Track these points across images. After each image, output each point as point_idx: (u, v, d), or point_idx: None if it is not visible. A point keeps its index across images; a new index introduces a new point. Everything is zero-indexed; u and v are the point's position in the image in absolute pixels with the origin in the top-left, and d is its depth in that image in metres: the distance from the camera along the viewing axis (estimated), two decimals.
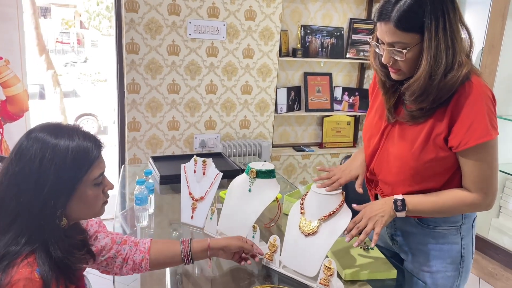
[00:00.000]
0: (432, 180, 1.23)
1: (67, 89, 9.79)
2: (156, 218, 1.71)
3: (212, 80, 3.09)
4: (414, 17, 1.09)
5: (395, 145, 1.27)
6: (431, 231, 1.31)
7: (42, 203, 0.91)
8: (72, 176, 0.94)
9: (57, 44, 19.46)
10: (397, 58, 1.15)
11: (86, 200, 0.99)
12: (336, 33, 3.42)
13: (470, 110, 1.13)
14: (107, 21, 16.51)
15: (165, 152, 3.10)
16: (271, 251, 1.32)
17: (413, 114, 1.21)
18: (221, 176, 1.56)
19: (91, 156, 0.96)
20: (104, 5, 16.25)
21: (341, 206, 1.27)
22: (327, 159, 3.58)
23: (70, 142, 0.94)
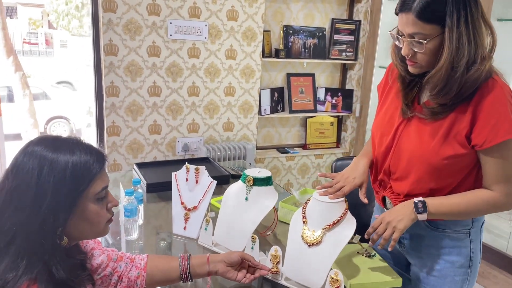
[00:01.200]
0: (449, 177, 1.22)
1: (37, 91, 9.44)
2: (146, 230, 1.62)
3: (195, 82, 3.00)
4: (436, 9, 1.09)
5: (411, 141, 1.25)
6: (441, 234, 1.29)
7: (41, 220, 0.83)
8: (72, 190, 0.87)
9: (24, 44, 18.82)
10: (417, 50, 1.15)
11: (88, 217, 0.92)
12: (318, 33, 3.39)
13: (494, 108, 1.12)
14: (77, 21, 16.08)
15: (147, 157, 3.00)
16: (274, 263, 1.26)
17: (434, 110, 1.19)
18: (215, 184, 1.49)
19: (93, 170, 0.90)
20: (73, 4, 15.82)
21: (345, 214, 1.22)
22: (311, 160, 3.56)
23: (69, 156, 0.87)
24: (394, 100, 1.33)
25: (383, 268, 1.32)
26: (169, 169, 1.79)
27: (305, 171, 3.57)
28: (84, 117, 8.35)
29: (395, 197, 1.32)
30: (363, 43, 3.46)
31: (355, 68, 3.52)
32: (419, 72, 1.21)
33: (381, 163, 1.35)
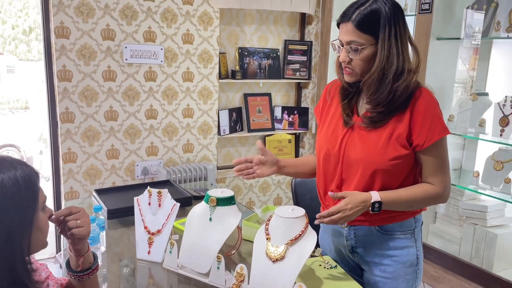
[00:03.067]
0: (394, 177, 1.34)
1: None
2: (108, 256, 1.60)
3: (152, 105, 3.01)
4: (371, 21, 1.25)
5: (357, 148, 1.36)
6: (390, 237, 1.39)
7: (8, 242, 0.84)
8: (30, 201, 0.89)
9: None
10: (352, 57, 1.29)
11: (42, 227, 0.94)
12: (272, 54, 3.50)
13: (428, 111, 1.29)
14: (25, 45, 15.55)
15: (105, 183, 2.94)
16: (238, 281, 1.29)
17: (373, 119, 1.32)
18: (178, 206, 1.50)
19: (37, 183, 0.93)
20: (21, 29, 15.30)
21: (306, 228, 1.27)
22: (272, 178, 3.62)
23: (14, 171, 0.88)
24: (335, 114, 1.44)
25: (344, 278, 1.37)
26: (129, 194, 1.78)
27: (266, 189, 3.62)
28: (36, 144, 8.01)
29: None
30: (316, 62, 3.61)
31: (309, 86, 3.65)
32: (354, 80, 1.34)
33: (332, 176, 1.43)
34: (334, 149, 1.40)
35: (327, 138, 1.44)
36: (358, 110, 1.40)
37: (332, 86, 1.51)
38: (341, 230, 1.46)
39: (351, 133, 1.38)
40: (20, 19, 15.15)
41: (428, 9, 2.62)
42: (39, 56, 15.22)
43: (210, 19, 3.08)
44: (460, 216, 2.77)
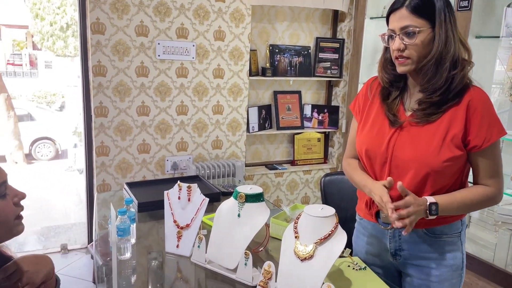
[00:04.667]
0: (446, 180, 1.30)
1: (22, 112, 9.35)
2: (137, 249, 1.63)
3: (183, 101, 3.04)
4: (427, 6, 1.24)
5: (408, 149, 1.31)
6: (438, 240, 1.36)
7: None
8: None
9: (8, 66, 18.68)
10: (408, 42, 1.25)
11: None
12: (303, 52, 3.47)
13: (486, 111, 1.26)
14: (62, 41, 16.05)
15: (136, 177, 3.00)
16: (265, 278, 1.28)
17: (426, 112, 1.29)
18: (207, 201, 1.51)
19: None
20: (58, 25, 15.81)
21: (335, 228, 1.25)
22: (300, 176, 3.59)
23: None
24: (379, 114, 1.40)
25: (374, 281, 1.35)
26: (159, 188, 1.80)
27: (294, 187, 3.60)
28: (70, 137, 8.28)
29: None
30: (347, 60, 3.55)
31: (340, 85, 3.60)
32: (408, 70, 1.29)
33: (378, 176, 1.39)
34: (380, 149, 1.36)
35: (371, 138, 1.40)
36: (405, 108, 1.36)
37: (374, 82, 1.47)
38: (384, 231, 1.42)
39: (400, 133, 1.33)
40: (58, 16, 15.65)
41: (467, 6, 2.53)
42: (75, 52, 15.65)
43: (242, 16, 3.08)
44: (496, 222, 2.66)
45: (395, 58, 1.30)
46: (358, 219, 1.59)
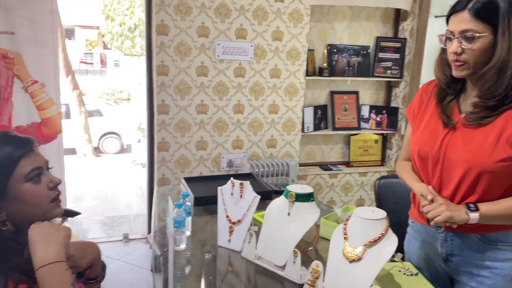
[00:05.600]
0: (499, 183, 1.25)
1: (92, 108, 10.01)
2: (192, 241, 1.70)
3: (240, 100, 3.11)
4: (490, 10, 1.19)
5: (460, 149, 1.29)
6: (493, 247, 1.30)
7: None
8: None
9: (81, 64, 20.03)
10: (466, 46, 1.22)
11: (24, 198, 0.97)
12: (362, 52, 3.41)
13: None
14: (130, 41, 16.92)
15: (193, 172, 3.12)
16: (313, 277, 1.30)
17: (480, 115, 1.25)
18: (258, 199, 1.55)
19: (14, 156, 0.96)
20: (127, 26, 16.68)
21: (386, 231, 1.24)
22: (355, 178, 3.54)
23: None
24: (433, 115, 1.38)
25: (426, 286, 1.31)
26: (215, 184, 1.86)
27: (349, 189, 3.55)
28: (135, 132, 8.72)
29: None
30: (409, 60, 3.44)
31: (400, 85, 3.50)
32: (464, 75, 1.26)
33: (430, 177, 1.37)
34: (432, 150, 1.34)
35: (425, 139, 1.38)
36: (460, 109, 1.33)
37: (429, 86, 1.46)
38: (437, 235, 1.39)
39: (453, 134, 1.31)
40: (126, 17, 16.51)
41: None
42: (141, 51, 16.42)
43: (301, 16, 3.09)
44: None
45: (452, 61, 1.27)
46: (410, 222, 1.57)
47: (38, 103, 2.68)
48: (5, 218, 0.95)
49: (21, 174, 0.97)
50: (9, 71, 2.57)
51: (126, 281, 2.92)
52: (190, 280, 1.48)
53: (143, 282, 2.94)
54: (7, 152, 0.96)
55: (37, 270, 0.84)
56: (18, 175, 0.96)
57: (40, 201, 0.99)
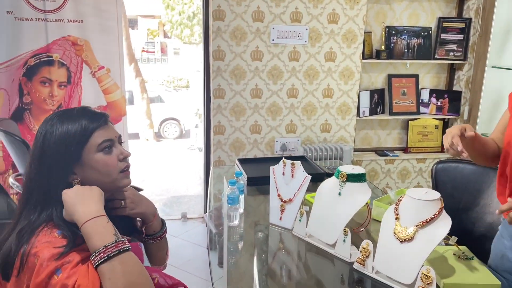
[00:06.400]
0: None
1: (153, 95, 10.43)
2: (245, 218, 1.76)
3: (294, 84, 3.12)
4: None
5: None
6: None
7: (47, 173, 1.01)
8: (73, 145, 1.03)
9: (143, 53, 20.85)
10: None
11: (96, 166, 1.06)
12: (423, 33, 3.28)
13: None
14: (188, 30, 17.35)
15: (247, 155, 3.19)
16: (363, 256, 1.31)
17: None
18: (309, 178, 1.57)
19: (89, 128, 1.05)
20: (186, 14, 17.10)
21: (439, 212, 1.22)
22: (413, 164, 3.44)
23: (69, 122, 1.04)
24: None
25: (481, 271, 1.28)
26: (267, 165, 1.90)
27: (406, 175, 3.46)
28: (193, 118, 8.99)
29: None
30: (474, 41, 3.25)
31: (464, 68, 3.32)
32: None
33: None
34: None
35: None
36: None
37: None
38: None
39: None
40: (185, 5, 16.90)
41: None
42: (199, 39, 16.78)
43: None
44: None
45: None
46: (502, 219, 1.45)
47: (104, 87, 2.87)
48: (79, 183, 1.05)
49: (94, 144, 1.06)
50: (78, 57, 2.77)
51: (184, 257, 3.07)
52: (243, 255, 1.54)
53: (199, 259, 3.08)
54: (83, 124, 1.06)
55: (82, 225, 0.94)
56: (92, 145, 1.06)
57: (110, 170, 1.08)
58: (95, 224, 0.93)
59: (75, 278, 0.88)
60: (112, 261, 0.89)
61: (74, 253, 0.93)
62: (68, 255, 0.92)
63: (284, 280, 1.37)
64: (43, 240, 0.94)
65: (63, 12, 2.65)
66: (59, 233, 0.96)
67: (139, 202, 1.21)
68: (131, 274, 0.90)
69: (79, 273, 0.89)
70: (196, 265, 2.99)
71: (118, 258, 0.90)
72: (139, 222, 1.27)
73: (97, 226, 0.93)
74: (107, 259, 0.89)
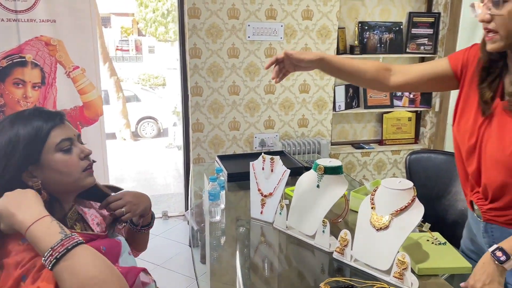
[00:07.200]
0: None
1: (129, 94, 10.30)
2: (227, 214, 1.79)
3: (271, 81, 3.15)
4: None
5: (493, 144, 1.19)
6: None
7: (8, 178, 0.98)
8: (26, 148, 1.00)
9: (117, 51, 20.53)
10: (494, 12, 1.08)
11: (55, 167, 1.02)
12: (394, 28, 3.36)
13: None
14: (163, 27, 17.18)
15: (227, 152, 3.21)
16: (342, 245, 1.35)
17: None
18: (288, 172, 1.61)
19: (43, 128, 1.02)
20: (160, 12, 16.92)
21: (413, 201, 1.27)
22: (388, 156, 3.53)
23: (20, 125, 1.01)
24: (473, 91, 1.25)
25: (453, 255, 1.34)
26: (246, 161, 1.94)
27: (381, 167, 3.55)
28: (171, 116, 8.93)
29: (482, 203, 1.29)
30: (443, 35, 3.36)
31: None
32: (497, 48, 1.12)
33: (467, 165, 1.30)
34: (472, 138, 1.24)
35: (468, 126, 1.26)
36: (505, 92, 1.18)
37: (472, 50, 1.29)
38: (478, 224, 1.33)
39: (489, 123, 1.19)
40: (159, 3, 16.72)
41: None
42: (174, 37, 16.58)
43: None
44: None
45: (484, 33, 1.14)
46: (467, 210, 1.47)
47: (79, 87, 2.83)
48: (40, 186, 1.01)
49: (52, 144, 1.03)
50: (52, 57, 2.72)
51: (166, 255, 3.08)
52: (226, 250, 1.57)
53: (182, 256, 3.10)
54: (36, 125, 1.02)
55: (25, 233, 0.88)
56: (49, 145, 1.03)
57: (71, 170, 1.05)
58: (38, 228, 0.87)
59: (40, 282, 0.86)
60: (62, 261, 0.83)
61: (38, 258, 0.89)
62: (31, 260, 0.89)
63: (267, 272, 1.41)
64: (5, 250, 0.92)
65: (35, 12, 2.60)
66: (23, 241, 0.93)
67: (139, 202, 1.22)
68: (87, 267, 0.84)
69: (43, 277, 0.87)
70: (178, 262, 3.01)
71: (68, 256, 0.84)
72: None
73: (40, 229, 0.87)
74: (56, 261, 0.83)
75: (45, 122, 1.03)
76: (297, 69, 1.45)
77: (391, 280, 1.23)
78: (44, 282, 0.86)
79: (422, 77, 1.38)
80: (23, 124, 1.01)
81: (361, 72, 1.45)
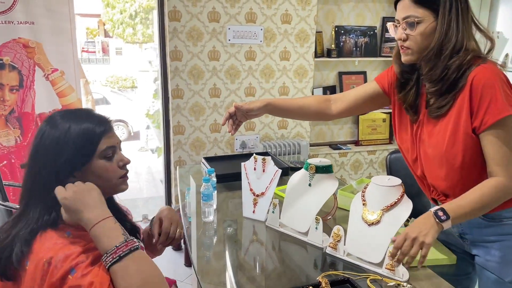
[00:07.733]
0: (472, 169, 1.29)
1: (98, 96, 10.09)
2: (218, 214, 1.82)
3: (251, 83, 3.20)
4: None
5: (429, 145, 1.35)
6: (498, 224, 1.34)
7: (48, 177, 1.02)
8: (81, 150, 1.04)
9: (83, 53, 20.03)
10: (408, 32, 1.26)
11: (97, 172, 1.07)
12: (369, 32, 3.49)
13: (486, 91, 1.21)
14: (131, 29, 16.90)
15: (208, 154, 3.23)
16: (335, 241, 1.42)
17: (434, 106, 1.30)
18: (280, 172, 1.66)
19: (96, 133, 1.06)
20: (128, 13, 16.64)
21: (402, 197, 1.35)
22: (364, 156, 3.65)
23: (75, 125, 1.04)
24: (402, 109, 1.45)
25: (438, 247, 1.43)
26: (232, 163, 1.99)
27: (358, 167, 3.66)
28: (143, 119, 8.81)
29: (442, 199, 1.41)
30: None
31: None
32: (410, 60, 1.31)
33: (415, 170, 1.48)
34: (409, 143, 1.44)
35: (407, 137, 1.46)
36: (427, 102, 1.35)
37: None
38: None
39: (421, 130, 1.38)
40: (127, 4, 16.44)
41: None
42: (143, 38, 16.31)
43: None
44: None
45: (400, 47, 1.32)
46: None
47: (58, 90, 2.79)
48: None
49: (98, 151, 1.07)
50: (30, 60, 2.67)
51: None
52: (220, 249, 1.60)
53: (164, 259, 3.08)
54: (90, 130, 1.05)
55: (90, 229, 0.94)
56: (97, 152, 1.07)
57: (110, 176, 1.09)
58: (103, 226, 0.94)
59: (90, 277, 0.90)
60: (124, 260, 0.90)
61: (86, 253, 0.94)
62: (80, 255, 0.93)
63: (262, 267, 1.45)
64: (52, 242, 0.95)
65: (13, 13, 2.55)
66: (68, 234, 0.97)
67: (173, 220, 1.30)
68: (144, 272, 0.91)
69: (93, 272, 0.91)
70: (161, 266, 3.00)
71: (130, 257, 0.91)
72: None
73: (105, 228, 0.94)
74: (119, 259, 0.90)
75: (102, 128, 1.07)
76: (248, 117, 1.65)
77: (383, 272, 1.30)
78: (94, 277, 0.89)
79: (357, 101, 1.59)
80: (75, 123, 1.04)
81: (304, 108, 1.63)
